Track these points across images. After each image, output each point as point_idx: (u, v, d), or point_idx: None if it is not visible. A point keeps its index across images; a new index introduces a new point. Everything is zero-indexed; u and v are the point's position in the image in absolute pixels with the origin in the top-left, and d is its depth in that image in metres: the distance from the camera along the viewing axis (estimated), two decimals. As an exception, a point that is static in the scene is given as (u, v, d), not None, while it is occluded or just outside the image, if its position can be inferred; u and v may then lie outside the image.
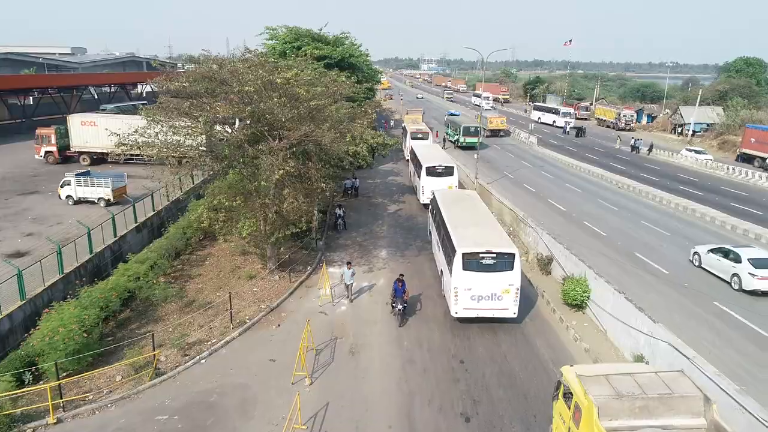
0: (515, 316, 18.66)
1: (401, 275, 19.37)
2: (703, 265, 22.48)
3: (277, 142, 19.30)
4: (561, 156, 51.09)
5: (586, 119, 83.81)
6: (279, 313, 20.17)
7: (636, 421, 10.24)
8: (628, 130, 72.32)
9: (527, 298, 21.59)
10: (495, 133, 63.71)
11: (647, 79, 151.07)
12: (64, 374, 15.16)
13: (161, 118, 19.76)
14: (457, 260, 18.11)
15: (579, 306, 20.12)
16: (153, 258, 21.83)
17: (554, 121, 77.82)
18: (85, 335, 15.58)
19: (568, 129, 71.84)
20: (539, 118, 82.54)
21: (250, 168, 19.99)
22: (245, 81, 18.10)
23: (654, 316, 16.34)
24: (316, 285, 22.37)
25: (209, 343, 17.76)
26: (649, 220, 29.93)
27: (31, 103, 63.33)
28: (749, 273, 19.84)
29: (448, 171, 33.86)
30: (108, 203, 30.40)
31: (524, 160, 50.22)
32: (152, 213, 28.18)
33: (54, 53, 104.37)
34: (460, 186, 36.28)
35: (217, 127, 20.15)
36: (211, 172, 24.70)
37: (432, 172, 33.69)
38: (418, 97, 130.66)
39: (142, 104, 50.51)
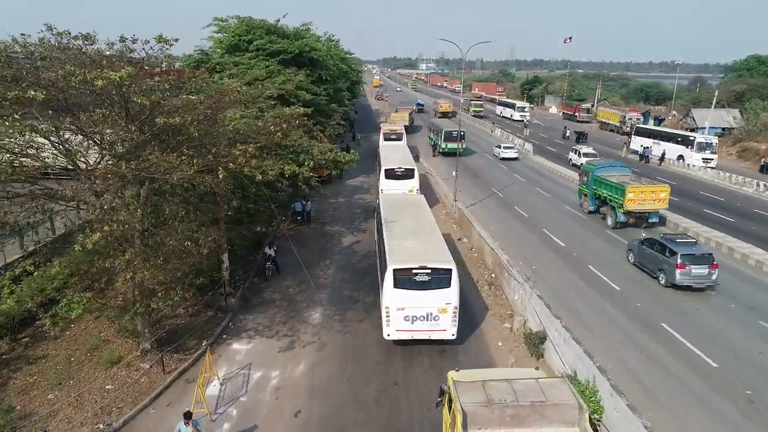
0: (454, 337, 16.65)
1: None
2: (494, 153, 49.54)
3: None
4: (560, 168, 44.02)
5: (587, 122, 76.79)
6: (121, 440, 13.17)
7: (505, 429, 9.62)
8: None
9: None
10: (444, 115, 67.61)
11: (649, 79, 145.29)
12: None
13: None
14: (388, 276, 16.25)
15: (584, 428, 13.11)
16: (-46, 343, 14.81)
17: (681, 158, 46.08)
18: None
19: (568, 134, 62.34)
20: (646, 149, 49.46)
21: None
22: (42, 78, 11.22)
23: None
24: (203, 376, 15.33)
25: None
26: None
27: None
28: (502, 152, 48.72)
29: (408, 173, 31.74)
30: (-21, 237, 23.59)
31: (517, 172, 43.19)
32: (18, 255, 21.21)
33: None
34: (435, 205, 29.43)
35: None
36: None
37: (391, 174, 31.66)
38: (397, 91, 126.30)
39: None
